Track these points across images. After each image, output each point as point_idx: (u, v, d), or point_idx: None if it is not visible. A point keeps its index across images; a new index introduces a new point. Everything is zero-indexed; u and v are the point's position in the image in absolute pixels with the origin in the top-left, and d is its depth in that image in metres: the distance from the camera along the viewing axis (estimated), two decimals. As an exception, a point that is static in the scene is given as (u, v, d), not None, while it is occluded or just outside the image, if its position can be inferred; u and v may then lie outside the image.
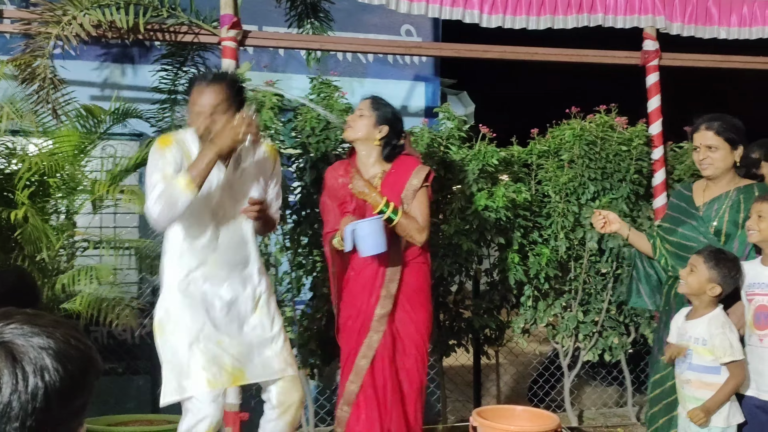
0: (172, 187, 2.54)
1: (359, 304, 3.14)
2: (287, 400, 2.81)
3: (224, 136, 2.57)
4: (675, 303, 3.16)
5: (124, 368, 4.96)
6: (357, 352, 3.11)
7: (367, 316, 3.12)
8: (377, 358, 3.11)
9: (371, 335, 3.12)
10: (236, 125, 2.57)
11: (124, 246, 4.38)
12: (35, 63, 4.03)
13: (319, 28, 5.24)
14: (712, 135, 3.06)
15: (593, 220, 3.30)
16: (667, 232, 3.23)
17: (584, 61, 4.83)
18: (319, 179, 4.12)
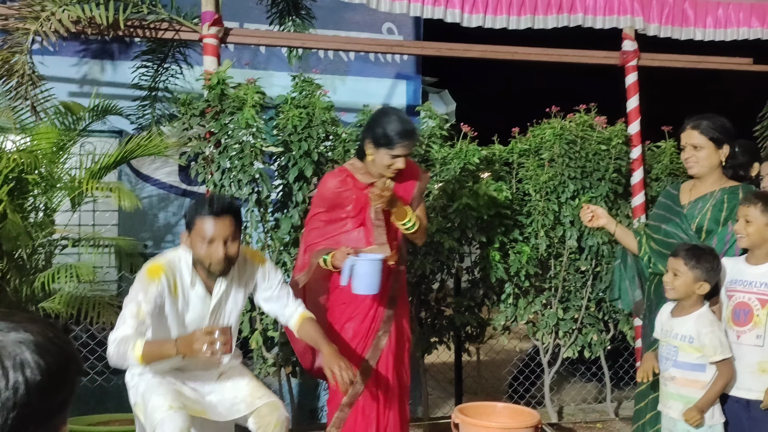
0: (126, 345, 2.54)
1: (365, 307, 3.09)
2: (265, 422, 2.80)
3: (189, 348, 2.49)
4: (656, 298, 3.20)
5: (104, 368, 4.91)
6: (364, 353, 3.09)
7: (375, 317, 3.10)
8: (382, 358, 3.11)
9: (380, 336, 3.12)
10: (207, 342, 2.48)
11: (103, 244, 4.35)
12: (13, 59, 3.98)
13: (301, 25, 5.23)
14: (697, 134, 3.11)
15: (581, 214, 3.33)
16: (652, 230, 3.27)
17: (564, 60, 4.88)
18: (300, 177, 4.12)
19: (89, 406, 4.72)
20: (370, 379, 3.09)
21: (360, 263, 2.85)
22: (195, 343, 2.45)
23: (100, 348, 4.85)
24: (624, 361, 5.37)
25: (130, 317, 2.58)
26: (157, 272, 2.65)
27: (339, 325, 3.12)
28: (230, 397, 2.84)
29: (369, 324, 3.11)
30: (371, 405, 3.09)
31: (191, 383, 2.82)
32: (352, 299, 3.08)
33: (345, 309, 3.12)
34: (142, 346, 2.53)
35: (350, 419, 3.09)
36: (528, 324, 4.67)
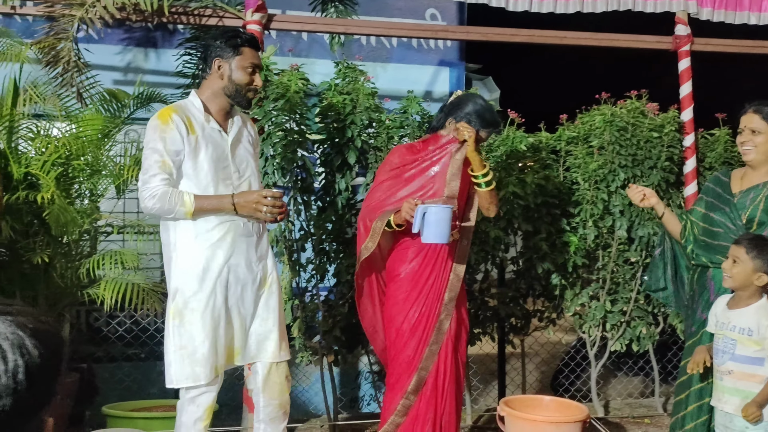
0: (174, 202, 2.56)
1: (425, 287, 3.05)
2: (274, 383, 2.80)
3: (249, 207, 2.61)
4: (698, 289, 3.11)
5: (147, 353, 4.96)
6: (427, 338, 3.04)
7: (433, 297, 3.06)
8: (443, 344, 3.07)
9: (442, 320, 3.07)
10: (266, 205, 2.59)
11: (147, 231, 4.36)
12: (59, 46, 4.00)
13: (344, 11, 5.17)
14: (758, 119, 2.98)
15: (630, 193, 3.23)
16: (698, 216, 3.15)
17: (615, 45, 4.72)
18: (343, 165, 4.08)
19: (131, 392, 4.77)
20: (434, 364, 3.05)
21: (432, 209, 2.82)
22: (253, 202, 2.59)
23: (143, 335, 4.89)
24: (672, 356, 5.22)
25: (158, 170, 2.56)
26: (167, 113, 2.63)
27: (403, 314, 3.06)
28: (263, 328, 2.78)
29: (431, 307, 3.05)
30: (433, 392, 3.05)
31: (236, 313, 2.71)
32: (413, 286, 3.04)
33: (409, 295, 3.06)
34: (192, 202, 2.57)
35: (415, 406, 3.04)
36: (574, 316, 4.56)
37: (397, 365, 3.07)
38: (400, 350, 3.06)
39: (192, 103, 2.73)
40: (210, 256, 2.64)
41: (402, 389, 3.04)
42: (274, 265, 2.85)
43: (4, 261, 4.02)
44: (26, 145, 4.17)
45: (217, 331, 2.64)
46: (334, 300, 4.24)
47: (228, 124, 2.76)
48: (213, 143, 2.68)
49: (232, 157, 2.72)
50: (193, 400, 2.65)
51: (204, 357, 2.61)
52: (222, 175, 2.68)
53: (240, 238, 2.69)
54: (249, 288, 2.73)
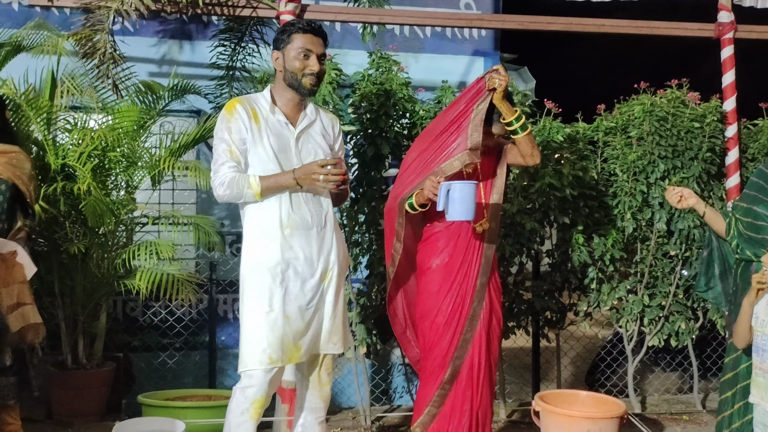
0: (241, 185, 2.64)
1: (457, 277, 3.01)
2: (316, 372, 2.81)
3: (308, 178, 2.62)
4: (742, 284, 3.03)
5: (182, 343, 5.00)
6: (462, 325, 3.01)
7: (466, 286, 3.02)
8: (476, 332, 3.02)
9: (475, 307, 3.03)
10: (323, 173, 2.59)
11: (182, 222, 4.39)
12: (95, 38, 4.03)
13: (377, 1, 5.11)
14: None
15: (667, 195, 3.16)
16: (742, 212, 3.07)
17: (656, 33, 4.60)
18: (377, 156, 4.05)
19: (167, 381, 4.82)
20: (469, 354, 3.01)
21: (455, 186, 2.78)
22: (312, 173, 2.59)
23: (178, 324, 4.94)
24: (712, 351, 5.11)
25: (226, 159, 2.66)
26: (233, 105, 2.71)
27: (437, 307, 3.03)
28: (320, 321, 2.76)
29: (464, 296, 3.01)
30: (468, 383, 3.01)
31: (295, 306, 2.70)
32: (445, 277, 3.00)
33: (441, 287, 3.01)
34: (258, 183, 2.64)
35: (450, 396, 3.01)
36: (611, 310, 4.47)
37: (432, 358, 3.03)
38: (435, 343, 3.02)
39: (263, 95, 2.79)
40: (269, 248, 2.68)
41: (438, 380, 3.01)
42: (339, 258, 2.80)
43: (42, 251, 4.08)
44: (63, 137, 4.22)
45: (272, 321, 2.65)
46: (366, 291, 4.22)
47: (298, 118, 2.78)
48: (276, 135, 2.72)
49: (296, 150, 2.74)
50: (243, 390, 2.68)
51: (257, 343, 2.64)
52: (286, 166, 2.70)
53: (298, 232, 2.70)
54: (309, 282, 2.72)
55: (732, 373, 3.04)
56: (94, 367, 4.26)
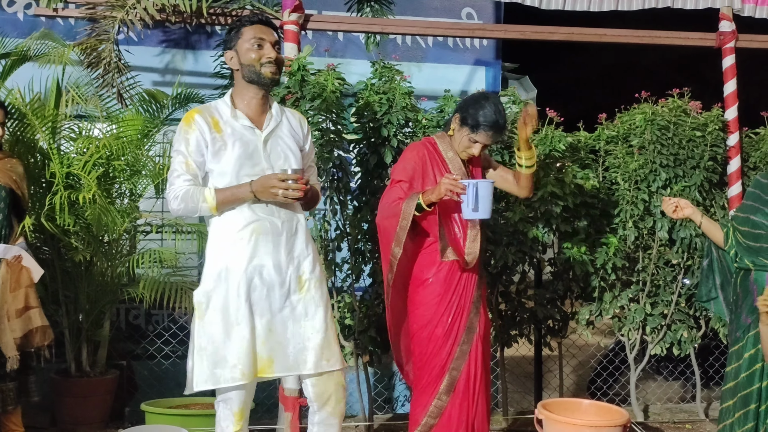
0: (196, 199, 2.54)
1: (456, 289, 3.00)
2: (323, 392, 2.71)
3: (266, 192, 2.52)
4: (742, 293, 3.05)
5: (185, 351, 5.00)
6: (459, 337, 3.00)
7: (465, 297, 3.01)
8: (473, 343, 3.02)
9: (472, 319, 3.02)
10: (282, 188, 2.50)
11: (185, 230, 4.41)
12: (100, 47, 4.07)
13: (379, 11, 5.16)
14: None
15: (664, 206, 3.19)
16: (739, 222, 3.10)
17: (657, 42, 4.63)
18: (380, 165, 4.07)
19: (169, 389, 4.82)
20: (466, 365, 3.00)
21: (482, 183, 2.78)
22: (270, 186, 2.49)
23: (181, 332, 4.94)
24: (714, 360, 5.11)
25: (182, 171, 2.57)
26: (191, 116, 2.61)
27: (437, 318, 3.00)
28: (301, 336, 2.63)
29: (462, 307, 3.00)
30: (465, 395, 3.00)
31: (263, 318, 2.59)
32: (445, 289, 2.98)
33: (442, 299, 3.00)
34: (213, 195, 2.54)
35: (448, 408, 2.99)
36: (613, 319, 4.48)
37: (430, 369, 3.01)
38: (433, 354, 3.01)
39: (223, 101, 2.69)
40: (233, 256, 2.57)
41: (434, 391, 2.99)
42: (314, 268, 2.70)
43: (47, 259, 4.10)
44: (68, 146, 4.25)
45: (239, 333, 2.54)
46: (369, 300, 4.23)
47: (264, 119, 2.68)
48: (241, 141, 2.60)
49: (264, 154, 2.64)
50: (225, 405, 2.60)
51: (224, 358, 2.52)
52: (251, 173, 2.60)
53: (265, 238, 2.59)
54: (276, 291, 2.60)
55: (733, 382, 3.05)
56: (98, 374, 4.27)
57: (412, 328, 3.07)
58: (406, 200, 2.91)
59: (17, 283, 3.32)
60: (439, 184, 2.81)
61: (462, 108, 3.03)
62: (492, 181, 2.84)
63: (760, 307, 2.65)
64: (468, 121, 2.97)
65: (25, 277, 3.34)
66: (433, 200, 2.85)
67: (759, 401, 2.93)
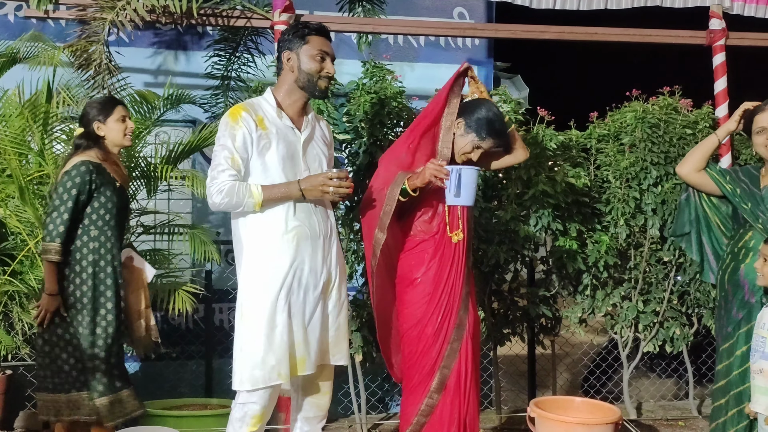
0: (241, 194, 2.56)
1: (446, 287, 2.99)
2: (313, 383, 2.78)
3: (316, 190, 2.58)
4: (731, 288, 3.07)
5: (179, 353, 5.00)
6: (449, 334, 2.99)
7: (453, 295, 3.00)
8: (463, 341, 3.01)
9: (461, 316, 3.01)
10: (332, 185, 2.55)
11: (178, 231, 4.41)
12: (90, 49, 4.06)
13: (371, 11, 5.16)
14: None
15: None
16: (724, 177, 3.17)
17: (647, 41, 4.65)
18: (371, 164, 4.07)
19: (164, 390, 4.82)
20: (456, 363, 3.00)
21: (465, 170, 2.76)
22: (320, 185, 2.54)
23: (174, 333, 4.94)
24: (708, 357, 5.13)
25: (227, 166, 2.58)
26: (237, 111, 2.64)
27: (426, 317, 2.99)
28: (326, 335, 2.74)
29: (452, 304, 2.99)
30: (456, 392, 3.00)
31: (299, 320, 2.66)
32: (434, 287, 2.98)
33: (431, 297, 2.98)
34: (261, 193, 2.57)
35: (439, 406, 2.99)
36: (606, 317, 4.49)
37: (420, 367, 3.01)
38: (423, 353, 3.00)
39: (266, 99, 2.72)
40: (276, 260, 2.62)
41: (425, 389, 2.99)
42: (340, 271, 2.80)
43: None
44: (60, 147, 4.24)
45: (278, 336, 2.59)
46: (362, 299, 4.23)
47: (302, 122, 2.74)
48: (285, 140, 2.66)
49: (303, 155, 2.70)
50: (244, 406, 2.63)
51: (263, 360, 2.58)
52: (292, 173, 2.65)
53: (305, 241, 2.64)
54: (311, 293, 2.68)
55: (725, 380, 3.06)
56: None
57: (402, 327, 3.06)
58: (390, 185, 2.88)
59: (136, 284, 3.35)
60: (424, 169, 2.80)
61: (467, 114, 3.02)
62: (477, 169, 2.83)
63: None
64: (473, 127, 2.99)
65: (140, 278, 3.37)
66: (418, 185, 2.82)
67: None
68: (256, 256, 2.64)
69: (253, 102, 2.73)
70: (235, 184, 2.57)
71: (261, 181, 2.62)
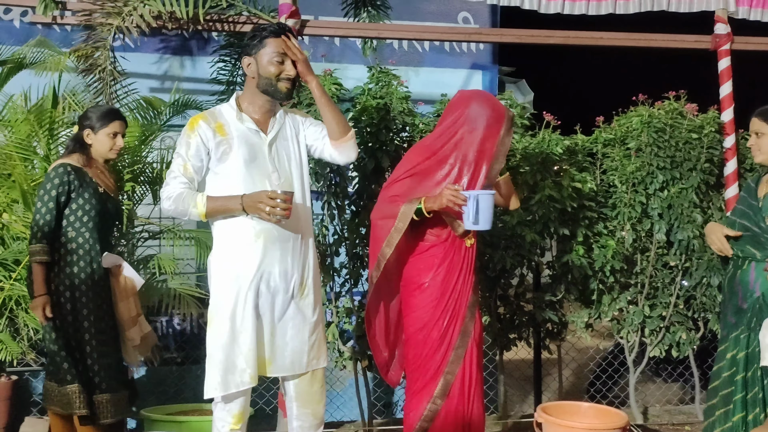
0: (187, 203, 2.61)
1: (453, 293, 2.99)
2: (306, 392, 2.79)
3: (255, 207, 2.56)
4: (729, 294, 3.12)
5: (183, 358, 5.00)
6: (453, 340, 2.99)
7: (460, 301, 3.00)
8: (468, 347, 3.01)
9: (467, 323, 3.01)
10: (270, 205, 2.53)
11: (183, 236, 4.40)
12: (96, 54, 4.07)
13: (376, 16, 5.17)
14: (758, 121, 3.11)
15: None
16: (728, 224, 3.18)
17: (652, 45, 4.65)
18: (377, 169, 4.07)
19: (168, 396, 4.81)
20: (461, 369, 2.99)
21: (483, 196, 2.78)
22: (259, 202, 2.53)
23: (180, 339, 4.94)
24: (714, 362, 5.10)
25: (179, 173, 2.64)
26: (195, 121, 2.68)
27: (432, 322, 2.99)
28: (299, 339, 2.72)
29: (458, 311, 2.99)
30: (461, 398, 2.99)
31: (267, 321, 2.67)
32: (441, 293, 2.97)
33: (438, 303, 2.98)
34: (204, 203, 2.61)
35: (442, 411, 2.98)
36: (612, 321, 4.48)
37: (424, 372, 3.00)
38: (428, 358, 3.00)
39: (229, 105, 2.74)
40: (242, 265, 2.64)
41: (429, 394, 2.98)
42: (314, 273, 2.80)
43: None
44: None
45: (246, 338, 2.62)
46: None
47: (269, 123, 2.74)
48: (247, 144, 2.67)
49: (269, 157, 2.70)
50: (223, 407, 2.67)
51: (233, 364, 2.61)
52: (257, 176, 2.66)
53: (273, 245, 2.65)
54: (281, 296, 2.69)
55: (717, 381, 3.15)
56: (96, 382, 4.25)
57: (407, 331, 3.06)
58: (405, 203, 2.90)
59: (126, 293, 3.36)
60: (441, 195, 2.83)
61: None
62: (493, 192, 2.85)
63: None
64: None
65: (131, 286, 3.38)
66: (435, 209, 2.86)
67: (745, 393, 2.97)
68: (223, 260, 2.68)
69: (215, 110, 2.76)
70: (183, 192, 2.62)
71: (223, 185, 2.65)
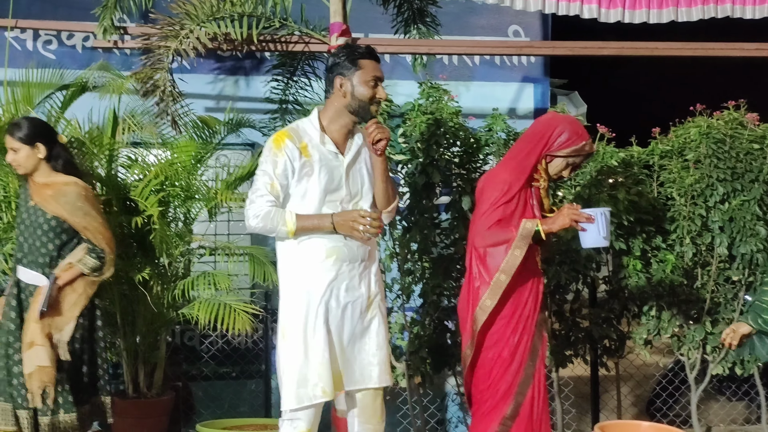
0: (276, 221, 2.63)
1: (524, 311, 2.97)
2: (371, 406, 2.79)
3: (347, 226, 2.62)
4: None
5: (239, 372, 5.06)
6: (524, 360, 2.96)
7: (530, 320, 2.97)
8: (537, 367, 2.98)
9: (535, 342, 2.99)
10: (363, 224, 2.59)
11: (237, 252, 4.47)
12: (155, 76, 4.19)
13: (426, 32, 5.18)
14: None
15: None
16: None
17: (711, 54, 4.54)
18: (428, 185, 4.06)
19: (223, 410, 4.87)
20: (530, 389, 2.96)
21: (607, 212, 2.82)
22: (351, 221, 2.59)
23: (235, 354, 5.00)
24: (781, 380, 4.91)
25: (266, 192, 2.64)
26: (281, 138, 2.68)
27: (503, 340, 2.96)
28: (366, 352, 2.76)
29: (528, 329, 2.97)
30: (530, 419, 2.95)
31: (337, 337, 2.70)
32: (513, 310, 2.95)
33: (509, 321, 2.95)
34: (294, 222, 2.63)
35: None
36: (672, 338, 4.35)
37: (495, 392, 2.96)
38: (499, 377, 2.96)
39: (311, 123, 2.74)
40: (315, 282, 2.68)
41: (499, 415, 2.94)
42: (379, 290, 2.83)
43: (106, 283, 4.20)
44: (125, 172, 4.37)
45: (317, 353, 2.65)
46: (420, 320, 4.21)
47: (347, 145, 2.75)
48: (327, 167, 2.69)
49: (346, 180, 2.73)
50: (290, 424, 2.68)
51: (305, 378, 2.64)
52: (331, 198, 2.70)
53: (344, 263, 2.70)
54: (349, 311, 2.72)
55: None
56: (155, 396, 4.34)
57: (476, 350, 3.02)
58: (524, 226, 2.87)
59: (30, 316, 3.22)
60: (562, 215, 2.83)
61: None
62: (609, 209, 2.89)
63: None
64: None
65: (32, 312, 3.22)
66: (555, 230, 2.86)
67: None
68: (295, 277, 2.71)
69: (297, 127, 2.75)
70: (271, 210, 2.63)
71: (298, 206, 2.68)
